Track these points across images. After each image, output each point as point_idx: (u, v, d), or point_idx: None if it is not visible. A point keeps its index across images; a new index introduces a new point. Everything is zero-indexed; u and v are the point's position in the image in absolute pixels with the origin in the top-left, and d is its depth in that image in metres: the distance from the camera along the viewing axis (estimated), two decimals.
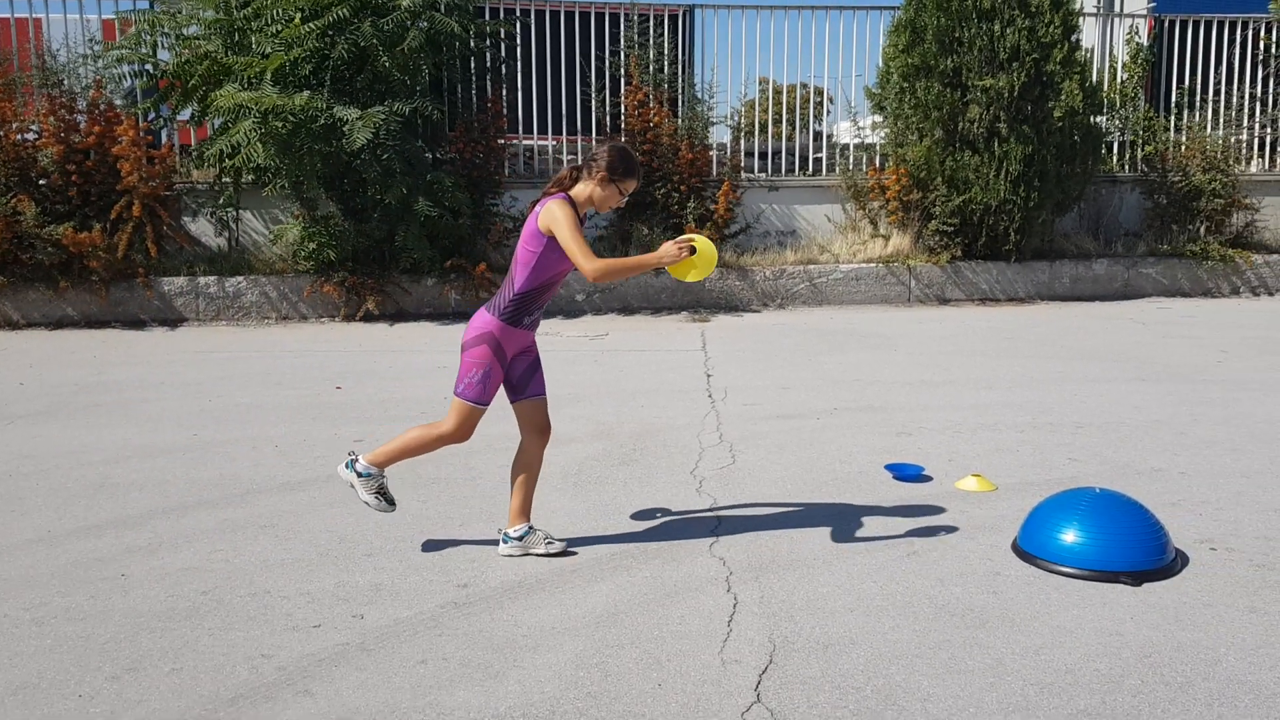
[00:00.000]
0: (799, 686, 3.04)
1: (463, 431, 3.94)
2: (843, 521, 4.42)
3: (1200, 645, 3.29)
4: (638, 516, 4.51)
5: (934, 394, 6.78)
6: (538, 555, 4.03)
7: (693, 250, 3.80)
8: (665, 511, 4.56)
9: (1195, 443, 5.60)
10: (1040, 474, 5.08)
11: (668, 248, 3.79)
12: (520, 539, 4.04)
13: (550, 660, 3.21)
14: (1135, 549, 3.81)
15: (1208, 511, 4.53)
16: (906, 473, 5.05)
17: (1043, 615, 3.51)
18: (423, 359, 8.07)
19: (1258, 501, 4.66)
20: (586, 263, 3.72)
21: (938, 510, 4.58)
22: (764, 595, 3.67)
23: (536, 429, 4.05)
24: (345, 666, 3.18)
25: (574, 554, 4.07)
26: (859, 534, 4.29)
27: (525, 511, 4.07)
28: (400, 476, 5.09)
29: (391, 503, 4.10)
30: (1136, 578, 3.76)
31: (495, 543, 4.17)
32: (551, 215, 3.77)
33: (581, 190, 3.91)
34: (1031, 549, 3.97)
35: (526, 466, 4.06)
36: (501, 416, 6.23)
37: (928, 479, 5.03)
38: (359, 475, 4.04)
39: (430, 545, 4.19)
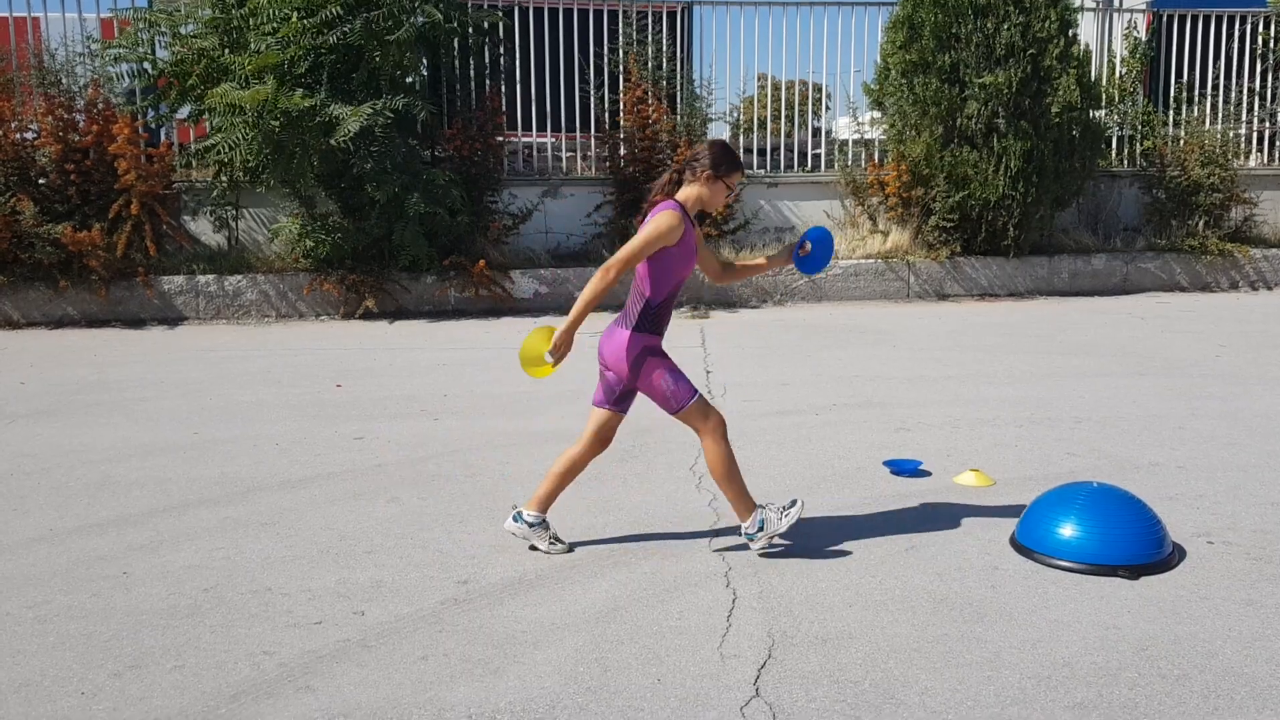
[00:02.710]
0: (798, 681, 3.06)
1: (715, 421, 3.91)
2: (841, 517, 4.44)
3: (1197, 638, 3.31)
4: (637, 513, 4.52)
5: (932, 389, 6.79)
6: (539, 550, 4.04)
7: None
8: (664, 507, 4.58)
9: (1193, 437, 5.62)
10: (1038, 469, 5.09)
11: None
12: (531, 526, 4.05)
13: (550, 656, 3.22)
14: (1132, 543, 3.83)
15: (1205, 505, 4.55)
16: (905, 468, 5.07)
17: (1040, 609, 3.53)
18: (422, 356, 8.09)
19: (1255, 495, 4.68)
20: (611, 266, 3.75)
21: (936, 505, 4.59)
22: (763, 590, 3.69)
23: (601, 440, 4.06)
24: (346, 663, 3.20)
25: (570, 553, 4.08)
26: (857, 529, 4.30)
27: (547, 504, 4.08)
28: (400, 474, 5.11)
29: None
30: (1134, 571, 3.77)
31: (496, 540, 4.18)
32: (650, 221, 3.82)
33: (688, 192, 3.93)
34: (1029, 543, 3.99)
35: (572, 466, 4.06)
36: (505, 413, 6.26)
37: (926, 474, 5.04)
38: (763, 528, 3.98)
39: (430, 542, 4.21)
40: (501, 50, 11.17)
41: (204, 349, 8.54)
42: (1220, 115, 12.17)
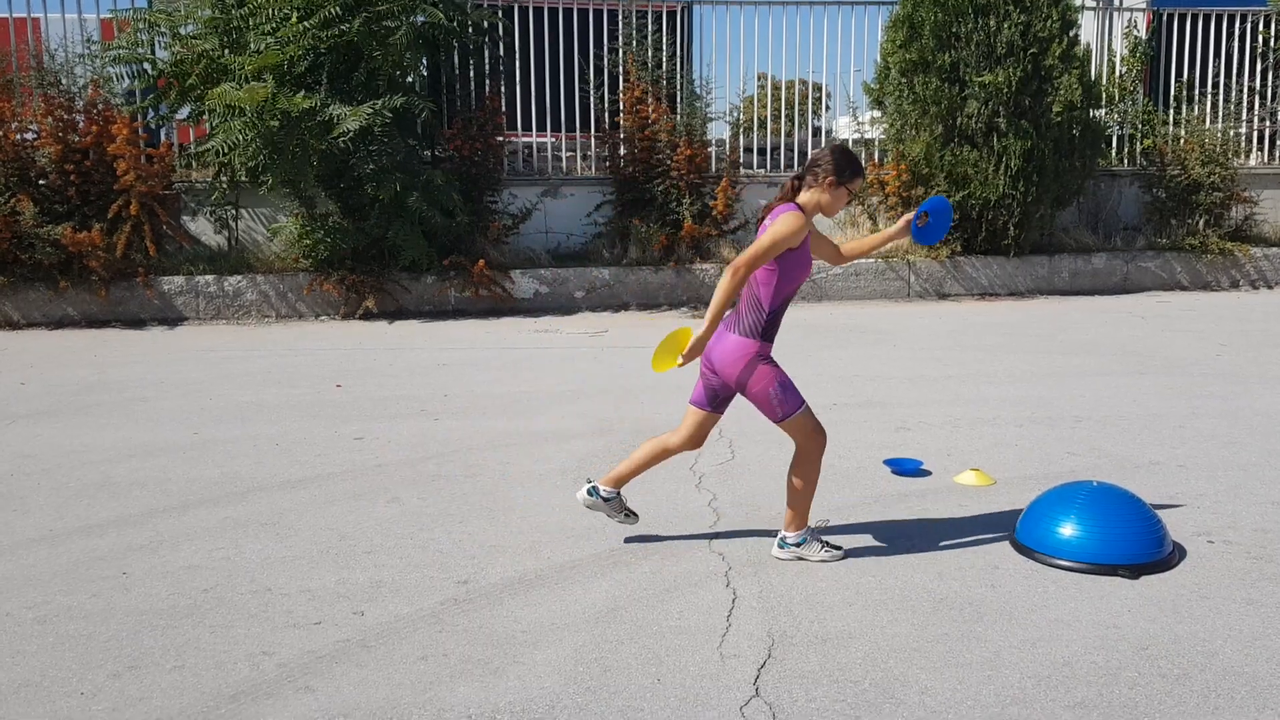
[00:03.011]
0: (798, 680, 3.06)
1: (818, 434, 3.90)
2: (841, 516, 4.44)
3: (1197, 637, 3.31)
4: (637, 512, 4.51)
5: (933, 389, 6.79)
6: (615, 519, 4.16)
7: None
8: (665, 507, 4.57)
9: (1193, 436, 5.61)
10: (1038, 468, 5.09)
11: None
12: (606, 500, 4.10)
13: (550, 656, 3.22)
14: (1133, 542, 3.82)
15: (1205, 504, 4.54)
16: (905, 467, 5.07)
17: (1040, 608, 3.53)
18: (422, 357, 8.09)
19: (1255, 494, 4.67)
20: (739, 267, 3.70)
21: (936, 505, 4.59)
22: (763, 590, 3.69)
23: (695, 440, 4.06)
24: (346, 663, 3.20)
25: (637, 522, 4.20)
26: (857, 529, 4.30)
27: (622, 482, 4.12)
28: (400, 474, 5.11)
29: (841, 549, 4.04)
30: (1134, 571, 3.77)
31: (496, 540, 4.18)
32: (774, 223, 3.77)
33: (809, 198, 3.89)
34: (1029, 542, 3.98)
35: (659, 456, 4.08)
36: (505, 413, 6.25)
37: (926, 474, 5.04)
38: (799, 545, 3.98)
39: (430, 542, 4.20)
40: (501, 49, 11.17)
41: (204, 349, 8.54)
42: (1220, 114, 12.17)
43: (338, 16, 9.25)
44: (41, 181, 9.70)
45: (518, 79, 11.27)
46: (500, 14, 10.99)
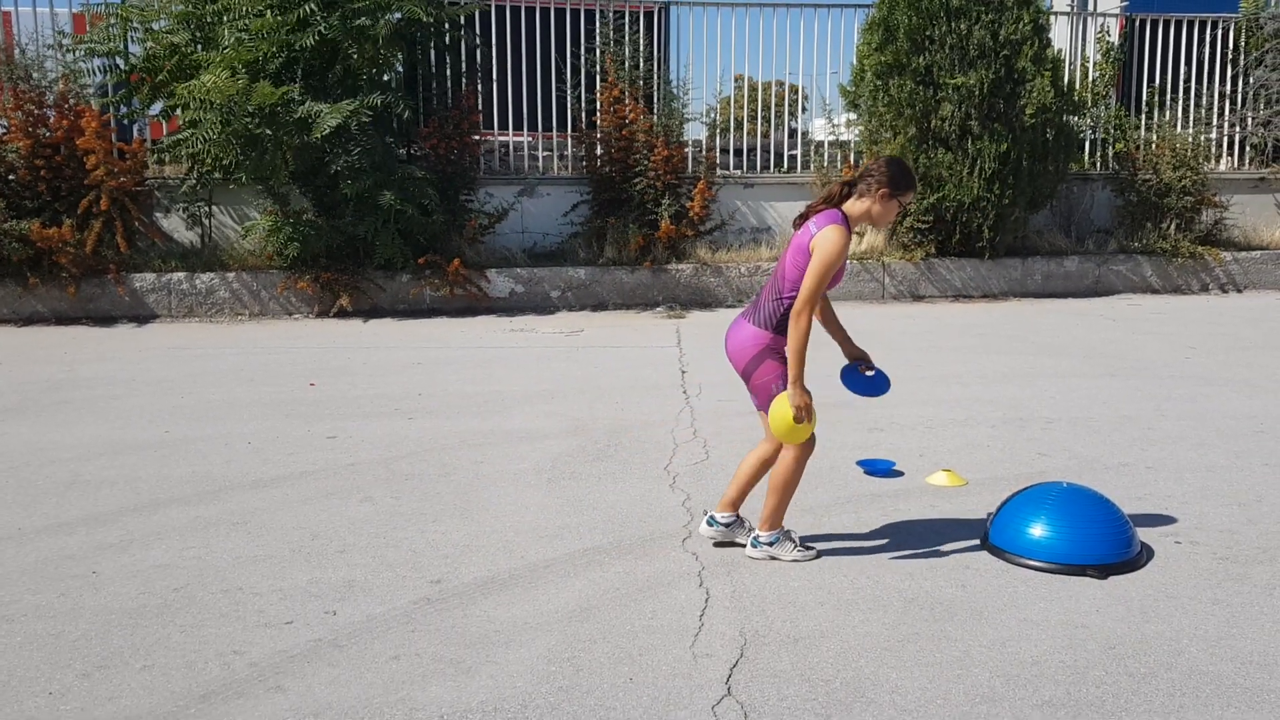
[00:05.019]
0: (769, 680, 3.07)
1: (808, 442, 3.89)
2: (814, 517, 4.46)
3: (1164, 637, 3.35)
4: (611, 512, 4.52)
5: (906, 390, 6.82)
6: (755, 555, 4.02)
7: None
8: (638, 507, 4.58)
9: (1162, 438, 5.68)
10: (1010, 469, 5.13)
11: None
12: (726, 527, 4.08)
13: (522, 655, 3.22)
14: (1101, 543, 3.86)
15: (1173, 505, 4.60)
16: (878, 468, 5.10)
17: (1010, 608, 3.56)
18: (397, 355, 8.06)
19: (1222, 495, 4.73)
20: (802, 310, 3.66)
21: (908, 505, 4.62)
22: (735, 590, 3.70)
23: (775, 442, 4.03)
24: (318, 663, 3.18)
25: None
26: (830, 529, 4.32)
27: (738, 504, 4.11)
28: (373, 473, 5.10)
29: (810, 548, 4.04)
30: (1103, 571, 3.81)
31: (469, 539, 4.18)
32: (822, 241, 3.69)
33: (858, 206, 3.82)
34: (1000, 543, 4.02)
35: (763, 464, 4.05)
36: (479, 412, 6.24)
37: (899, 474, 5.07)
38: (771, 544, 3.98)
39: (403, 541, 4.19)
40: (479, 44, 11.13)
41: (176, 347, 8.48)
42: (1191, 119, 12.30)
43: (313, 14, 9.19)
44: (11, 176, 9.58)
45: (495, 78, 11.25)
46: (477, 11, 10.96)
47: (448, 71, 10.91)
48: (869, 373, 4.23)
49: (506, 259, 10.56)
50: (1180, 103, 12.30)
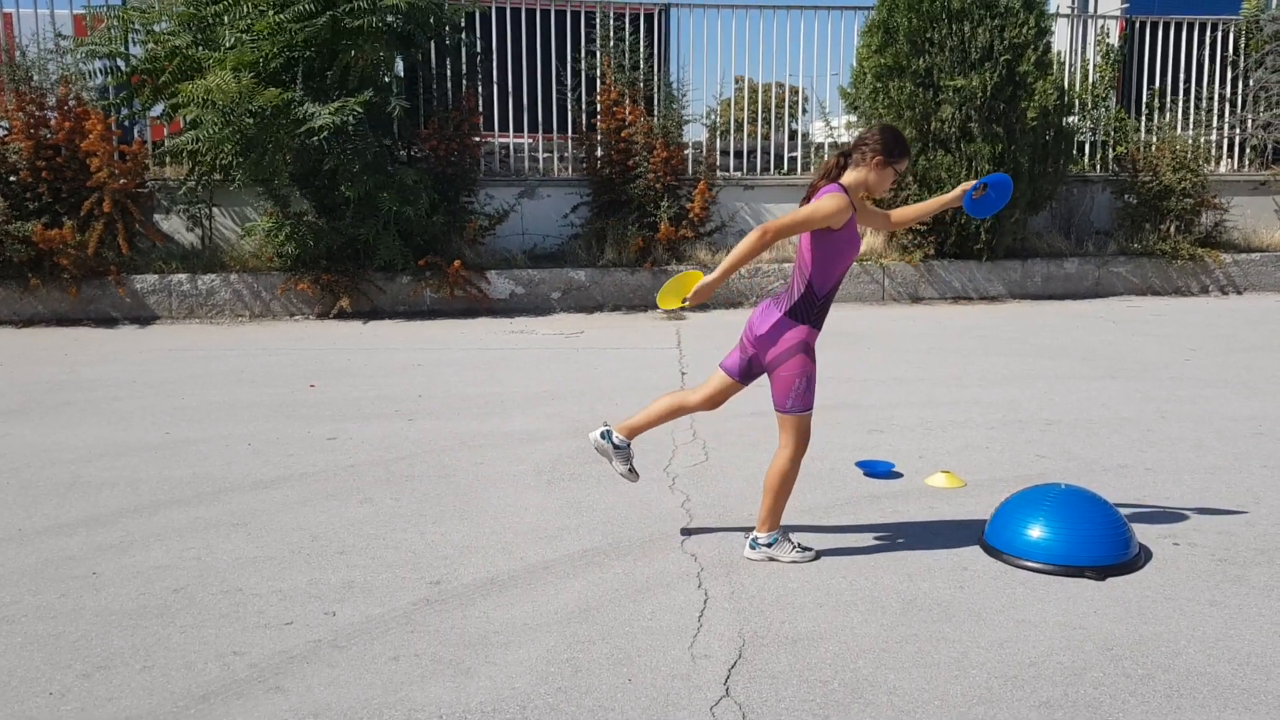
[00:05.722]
0: (768, 681, 3.08)
1: (806, 441, 3.93)
2: (813, 518, 4.46)
3: (1161, 638, 3.35)
4: (610, 513, 4.53)
5: (906, 391, 6.84)
6: (617, 470, 4.23)
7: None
8: (638, 508, 4.59)
9: (1161, 440, 5.68)
10: (1008, 470, 5.14)
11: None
12: (616, 448, 4.17)
13: (522, 656, 3.23)
14: (1099, 544, 3.87)
15: (1171, 507, 4.60)
16: (877, 469, 5.10)
17: (1008, 609, 3.57)
18: (397, 357, 8.07)
19: (1220, 497, 4.74)
20: (767, 229, 3.71)
21: (907, 506, 4.63)
22: (734, 591, 3.71)
23: (713, 403, 4.14)
24: (317, 663, 3.19)
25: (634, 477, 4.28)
26: (829, 530, 4.33)
27: (636, 433, 4.21)
28: (373, 474, 5.11)
29: None
30: (1100, 572, 3.81)
31: (468, 540, 4.19)
32: (818, 201, 3.77)
33: (855, 176, 3.88)
34: (998, 544, 4.02)
35: (675, 412, 4.14)
36: (480, 414, 6.25)
37: (898, 476, 5.08)
38: (770, 545, 4.00)
39: (403, 542, 4.20)
40: (479, 45, 11.13)
41: (177, 348, 8.49)
42: (1191, 121, 12.31)
43: (311, 11, 9.20)
44: (12, 178, 9.60)
45: (495, 79, 11.26)
46: (477, 12, 10.97)
47: (448, 73, 10.92)
48: (979, 196, 4.17)
49: (507, 260, 10.57)
50: (1180, 105, 12.31)
